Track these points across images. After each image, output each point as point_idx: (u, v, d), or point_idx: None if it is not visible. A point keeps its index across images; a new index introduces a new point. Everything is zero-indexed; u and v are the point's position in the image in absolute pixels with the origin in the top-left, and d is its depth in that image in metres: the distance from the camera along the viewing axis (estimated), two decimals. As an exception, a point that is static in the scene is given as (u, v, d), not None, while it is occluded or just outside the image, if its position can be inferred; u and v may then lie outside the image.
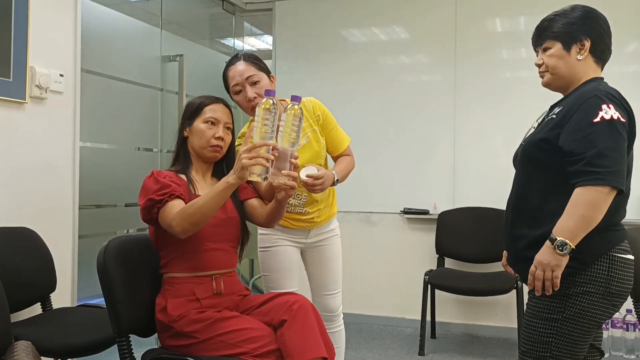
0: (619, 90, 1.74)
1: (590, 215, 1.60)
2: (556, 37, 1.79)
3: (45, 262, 2.59)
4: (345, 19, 4.45)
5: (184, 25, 4.47)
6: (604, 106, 1.63)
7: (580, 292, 1.67)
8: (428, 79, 4.28)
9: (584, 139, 1.61)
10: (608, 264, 1.68)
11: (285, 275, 2.43)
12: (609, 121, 1.61)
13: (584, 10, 1.80)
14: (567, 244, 1.60)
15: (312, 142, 2.35)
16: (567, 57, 1.78)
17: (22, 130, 2.62)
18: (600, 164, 1.58)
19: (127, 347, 1.88)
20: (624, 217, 1.79)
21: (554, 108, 1.82)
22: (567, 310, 1.68)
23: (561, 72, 1.80)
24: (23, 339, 1.77)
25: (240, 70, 2.20)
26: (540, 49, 1.85)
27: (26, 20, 2.60)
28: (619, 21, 3.85)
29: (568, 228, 1.61)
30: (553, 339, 1.70)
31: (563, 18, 1.79)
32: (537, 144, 1.75)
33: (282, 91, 4.77)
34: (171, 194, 1.85)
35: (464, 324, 4.15)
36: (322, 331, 1.83)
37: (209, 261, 1.93)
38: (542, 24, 1.85)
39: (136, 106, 3.73)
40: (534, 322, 1.74)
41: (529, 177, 1.79)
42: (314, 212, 2.42)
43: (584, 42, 1.76)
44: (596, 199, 1.59)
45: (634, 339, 3.61)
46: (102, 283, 1.86)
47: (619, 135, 1.62)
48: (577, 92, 1.75)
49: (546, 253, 1.63)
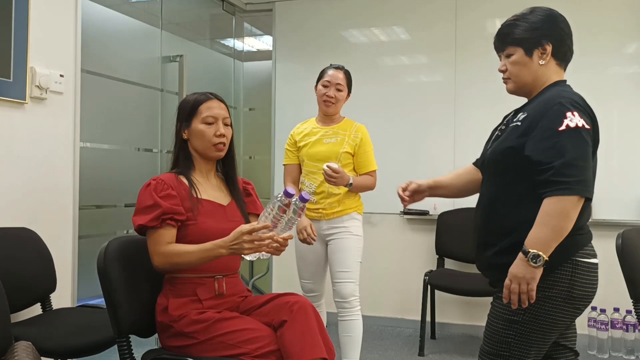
0: (582, 96, 1.75)
1: (561, 225, 1.60)
2: (518, 43, 1.78)
3: (45, 262, 2.59)
4: (346, 20, 4.45)
5: (184, 26, 4.47)
6: (569, 114, 1.63)
7: (542, 297, 1.67)
8: (428, 80, 4.29)
9: (551, 148, 1.61)
10: (571, 269, 1.69)
11: (302, 264, 2.98)
12: (575, 129, 1.61)
13: (544, 14, 1.79)
14: (541, 256, 1.59)
15: (336, 145, 2.90)
16: (530, 63, 1.77)
17: (22, 130, 2.62)
18: (568, 173, 1.58)
19: (127, 347, 1.87)
20: (589, 219, 1.81)
21: (518, 114, 1.80)
22: (528, 313, 1.69)
23: (525, 79, 1.79)
24: (23, 339, 1.77)
25: (334, 75, 2.92)
26: (503, 54, 1.83)
27: (26, 20, 2.60)
28: (618, 22, 3.87)
29: (541, 240, 1.60)
30: (512, 340, 1.71)
31: (524, 23, 1.78)
32: (504, 152, 1.74)
33: (282, 91, 4.79)
34: (162, 219, 1.84)
35: (464, 324, 4.15)
36: (322, 332, 1.83)
37: (213, 264, 1.92)
38: (503, 29, 1.83)
39: (136, 107, 3.73)
40: (496, 322, 1.76)
41: (497, 184, 1.79)
42: (323, 204, 2.87)
43: (546, 46, 1.76)
44: (566, 209, 1.59)
45: (634, 340, 3.61)
46: (102, 284, 1.86)
47: (585, 143, 1.63)
48: (540, 98, 1.75)
49: (520, 266, 1.62)
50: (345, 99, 3.00)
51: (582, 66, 3.88)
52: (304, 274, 2.99)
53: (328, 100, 2.90)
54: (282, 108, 4.60)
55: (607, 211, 3.79)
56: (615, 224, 3.68)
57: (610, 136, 3.83)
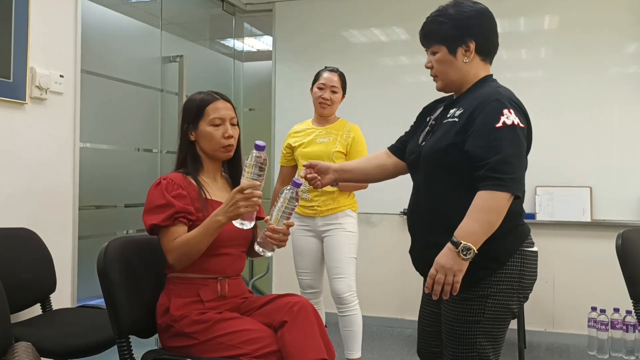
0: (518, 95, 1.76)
1: (493, 220, 1.60)
2: (441, 41, 1.77)
3: (45, 262, 2.59)
4: (346, 20, 4.45)
5: (184, 26, 4.47)
6: (506, 111, 1.64)
7: (497, 291, 1.68)
8: (428, 80, 4.23)
9: (488, 144, 1.61)
10: (521, 260, 1.71)
11: (298, 259, 3.06)
12: (511, 126, 1.62)
13: (469, 9, 1.76)
14: (472, 249, 1.58)
15: (328, 144, 2.99)
16: (454, 61, 1.77)
17: (22, 131, 2.62)
18: (503, 170, 1.59)
19: (127, 348, 1.87)
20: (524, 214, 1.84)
21: (451, 109, 1.79)
22: (488, 311, 1.69)
23: (451, 77, 1.79)
24: (23, 339, 1.76)
25: (329, 78, 3.02)
26: (429, 51, 1.83)
27: (26, 21, 2.60)
28: (618, 22, 3.87)
29: (474, 233, 1.59)
30: (477, 339, 1.70)
31: (447, 20, 1.76)
32: (445, 150, 1.72)
33: (282, 91, 4.79)
34: (175, 218, 1.85)
35: (463, 324, 4.15)
36: (322, 332, 1.83)
37: (217, 265, 1.92)
38: (427, 25, 1.82)
39: (136, 107, 3.73)
40: (457, 326, 1.72)
41: (437, 182, 1.76)
42: (317, 201, 2.96)
43: (469, 44, 1.75)
44: (498, 205, 1.59)
45: (634, 340, 3.61)
46: (102, 284, 1.86)
47: (519, 141, 1.64)
48: (475, 94, 1.74)
49: (449, 257, 1.60)
50: (340, 100, 3.10)
51: (582, 66, 3.90)
52: (301, 269, 3.07)
53: (324, 102, 3.01)
54: (282, 108, 4.60)
55: (607, 211, 3.80)
56: (615, 224, 3.69)
57: (610, 136, 3.83)
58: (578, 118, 3.86)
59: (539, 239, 4.22)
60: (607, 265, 3.34)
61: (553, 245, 3.91)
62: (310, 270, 3.07)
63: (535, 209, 3.91)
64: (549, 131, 3.89)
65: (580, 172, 3.85)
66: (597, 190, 3.81)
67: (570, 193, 3.85)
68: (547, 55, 4.00)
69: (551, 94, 3.93)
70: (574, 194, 3.85)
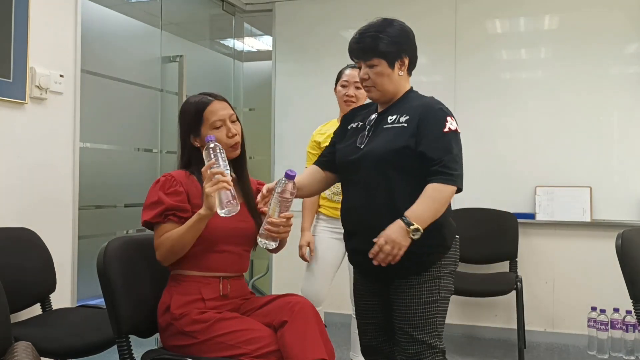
0: None
1: (440, 209, 1.84)
2: (382, 56, 1.93)
3: (45, 262, 2.59)
4: (345, 20, 4.45)
5: (184, 26, 4.47)
6: (449, 118, 1.90)
7: (447, 272, 1.95)
8: (428, 80, 4.28)
9: (442, 146, 1.85)
10: (456, 246, 2.00)
11: (318, 260, 2.88)
12: (454, 131, 1.89)
13: (401, 28, 1.99)
14: (420, 231, 1.78)
15: None
16: (392, 74, 1.96)
17: (22, 130, 2.62)
18: (453, 167, 1.84)
19: (127, 348, 1.87)
20: None
21: (389, 116, 1.96)
22: (442, 291, 1.93)
23: (387, 88, 1.97)
24: (23, 339, 1.77)
25: (351, 74, 2.88)
26: (365, 63, 1.97)
27: (26, 20, 2.60)
28: (618, 22, 3.87)
29: (423, 217, 1.80)
30: (436, 319, 1.91)
31: (385, 36, 1.94)
32: (400, 151, 1.89)
33: (282, 92, 4.78)
34: (165, 215, 1.87)
35: (463, 325, 4.15)
36: (322, 332, 1.83)
37: (220, 263, 1.93)
38: (366, 40, 1.96)
39: (136, 107, 3.74)
40: (417, 308, 1.91)
41: (392, 182, 1.91)
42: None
43: (404, 59, 1.98)
44: (447, 196, 1.84)
45: (634, 340, 3.61)
46: (102, 284, 1.86)
47: (460, 144, 1.91)
48: (413, 103, 1.95)
49: (400, 234, 1.78)
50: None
51: (583, 66, 3.90)
52: (315, 270, 2.89)
53: (349, 99, 2.92)
54: (282, 108, 4.60)
55: (607, 211, 3.80)
56: (615, 224, 3.69)
57: (610, 136, 3.83)
58: (578, 118, 3.86)
59: (539, 239, 4.24)
60: (607, 265, 3.34)
61: (553, 245, 3.92)
62: (327, 278, 2.90)
63: (535, 208, 3.91)
64: (549, 131, 3.90)
65: (580, 172, 3.85)
66: (597, 190, 3.81)
67: (570, 193, 3.85)
68: (547, 56, 4.00)
69: (551, 94, 3.93)
70: (573, 193, 3.85)
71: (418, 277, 1.90)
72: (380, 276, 1.96)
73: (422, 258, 1.89)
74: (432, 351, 1.91)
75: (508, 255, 3.85)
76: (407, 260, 1.82)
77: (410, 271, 1.90)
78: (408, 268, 1.89)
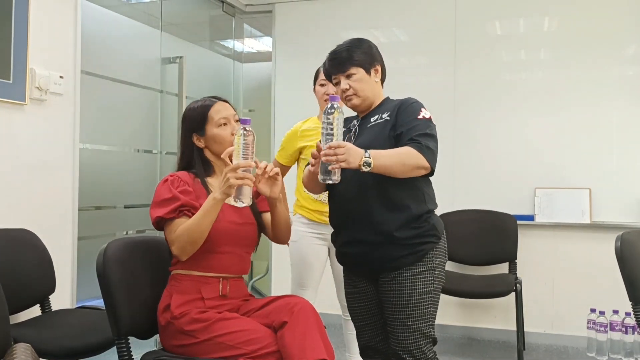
0: None
1: (400, 168, 1.87)
2: (359, 64, 2.07)
3: (45, 263, 2.59)
4: (345, 21, 4.45)
5: (183, 27, 4.48)
6: (422, 109, 2.03)
7: (439, 263, 2.01)
8: (428, 81, 4.29)
9: (418, 128, 1.95)
10: (445, 236, 2.06)
11: (306, 269, 2.84)
12: (429, 119, 2.01)
13: (369, 44, 2.16)
14: (369, 167, 1.80)
15: None
16: (369, 80, 2.09)
17: (22, 131, 2.63)
18: (426, 141, 1.91)
19: (126, 349, 1.88)
20: None
21: (371, 118, 2.07)
22: (436, 281, 2.00)
23: (367, 93, 2.08)
24: (22, 340, 1.76)
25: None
26: (343, 75, 2.07)
27: (26, 22, 2.60)
28: (619, 23, 3.88)
29: (382, 162, 1.82)
30: (430, 309, 1.98)
31: (359, 49, 2.09)
32: (387, 141, 1.97)
33: (282, 92, 4.78)
34: (180, 210, 1.87)
35: (462, 326, 4.15)
36: (322, 333, 1.83)
37: (220, 263, 1.93)
38: (342, 54, 2.07)
39: (136, 108, 3.74)
40: (413, 299, 1.96)
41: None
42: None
43: (377, 67, 2.12)
44: (415, 163, 1.87)
45: (633, 342, 3.62)
46: (102, 285, 1.86)
47: (435, 131, 2.01)
48: (392, 104, 2.09)
49: (357, 155, 1.80)
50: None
51: (582, 68, 3.91)
52: (306, 281, 2.86)
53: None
54: (281, 109, 4.60)
55: (606, 213, 3.80)
56: (614, 226, 3.69)
57: (609, 138, 3.83)
58: (577, 119, 3.86)
59: (538, 241, 4.24)
60: (606, 267, 3.34)
61: (552, 247, 3.92)
62: (314, 282, 2.86)
63: (534, 210, 3.91)
64: (548, 132, 3.90)
65: (579, 174, 3.85)
66: (596, 191, 3.82)
67: (570, 194, 3.86)
68: (546, 56, 4.01)
69: (550, 95, 3.93)
70: (573, 195, 3.85)
71: (412, 269, 1.96)
72: (375, 265, 2.00)
73: (416, 247, 1.95)
74: (426, 340, 1.98)
75: (507, 256, 3.85)
76: (406, 248, 1.92)
77: (404, 262, 1.96)
78: (402, 258, 1.95)
